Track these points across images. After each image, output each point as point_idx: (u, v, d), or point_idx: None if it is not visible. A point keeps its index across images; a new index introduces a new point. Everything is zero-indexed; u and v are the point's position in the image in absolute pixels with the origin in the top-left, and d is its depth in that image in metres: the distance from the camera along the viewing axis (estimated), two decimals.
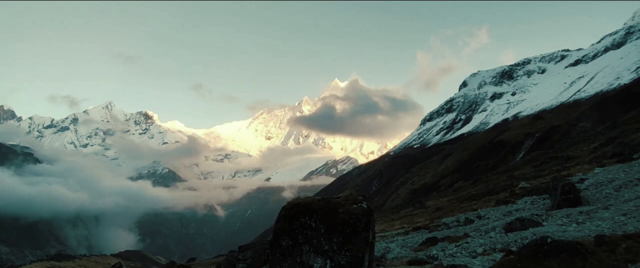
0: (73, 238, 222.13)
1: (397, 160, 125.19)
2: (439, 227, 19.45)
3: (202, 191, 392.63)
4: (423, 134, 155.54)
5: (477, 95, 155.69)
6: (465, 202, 29.97)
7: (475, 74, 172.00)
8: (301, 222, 7.59)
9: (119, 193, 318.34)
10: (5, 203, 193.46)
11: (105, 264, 62.42)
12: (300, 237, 7.51)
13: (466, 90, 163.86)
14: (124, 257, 76.67)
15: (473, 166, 73.05)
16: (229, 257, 19.46)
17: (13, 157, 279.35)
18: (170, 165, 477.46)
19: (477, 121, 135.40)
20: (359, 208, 7.60)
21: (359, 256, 7.21)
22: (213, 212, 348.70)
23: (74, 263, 63.59)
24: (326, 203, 7.70)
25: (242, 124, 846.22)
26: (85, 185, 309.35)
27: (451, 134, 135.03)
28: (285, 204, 8.25)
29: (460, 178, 68.08)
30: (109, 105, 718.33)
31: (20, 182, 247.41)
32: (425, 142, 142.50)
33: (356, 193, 8.15)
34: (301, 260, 7.37)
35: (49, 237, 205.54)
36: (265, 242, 18.51)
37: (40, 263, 61.34)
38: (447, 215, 23.62)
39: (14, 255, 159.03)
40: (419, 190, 78.30)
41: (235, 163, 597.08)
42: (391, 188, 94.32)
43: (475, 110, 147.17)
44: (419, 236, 17.99)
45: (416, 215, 30.93)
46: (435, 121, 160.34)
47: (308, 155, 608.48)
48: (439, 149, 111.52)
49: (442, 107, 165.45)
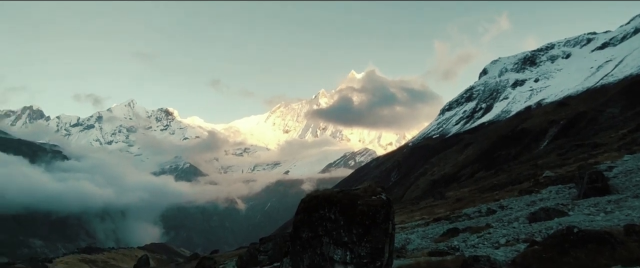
0: (101, 231, 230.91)
1: (415, 151, 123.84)
2: (460, 217, 19.21)
3: (223, 185, 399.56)
4: (442, 124, 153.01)
5: (498, 82, 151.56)
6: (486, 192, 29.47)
7: (495, 61, 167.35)
8: (320, 214, 7.64)
9: (143, 188, 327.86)
10: (37, 199, 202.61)
11: (132, 257, 64.77)
12: (320, 229, 7.57)
13: (486, 78, 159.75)
14: (149, 250, 79.28)
15: (494, 155, 71.59)
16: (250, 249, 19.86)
17: (43, 155, 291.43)
18: (191, 160, 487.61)
19: (498, 109, 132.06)
20: (378, 199, 7.59)
21: (379, 247, 7.22)
22: (234, 205, 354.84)
23: (104, 256, 66.30)
24: (345, 195, 7.72)
25: (260, 118, 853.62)
26: (111, 180, 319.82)
27: (471, 123, 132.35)
28: (304, 197, 8.32)
29: (482, 168, 66.89)
30: (131, 102, 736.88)
31: (50, 178, 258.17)
32: (445, 132, 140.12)
33: (375, 185, 8.13)
34: (321, 252, 7.44)
35: (79, 231, 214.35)
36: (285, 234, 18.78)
37: (72, 256, 64.22)
38: (468, 206, 23.29)
39: (48, 249, 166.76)
40: (438, 181, 77.38)
41: (254, 157, 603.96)
42: (410, 180, 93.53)
43: (496, 98, 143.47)
44: (439, 227, 17.83)
45: (436, 206, 30.58)
46: (455, 110, 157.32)
47: (326, 147, 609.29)
48: (458, 139, 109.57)
49: (462, 96, 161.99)
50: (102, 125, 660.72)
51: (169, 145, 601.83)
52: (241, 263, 18.90)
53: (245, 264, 18.57)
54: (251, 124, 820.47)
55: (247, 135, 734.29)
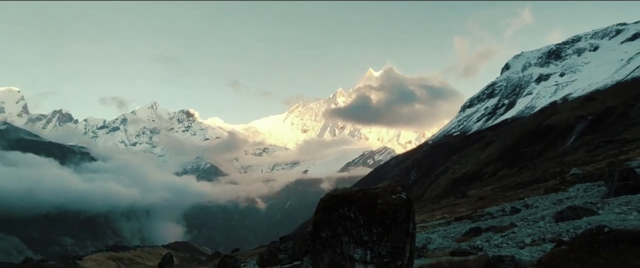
0: (127, 230, 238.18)
1: (436, 149, 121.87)
2: (483, 216, 18.86)
3: (243, 184, 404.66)
4: (463, 121, 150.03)
5: (521, 77, 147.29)
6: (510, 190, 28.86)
7: (518, 55, 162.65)
8: (340, 213, 7.63)
9: (167, 188, 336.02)
10: (67, 199, 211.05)
11: (157, 255, 66.53)
12: (340, 228, 7.56)
13: (509, 74, 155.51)
14: (173, 248, 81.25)
15: (518, 153, 69.70)
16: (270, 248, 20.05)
17: (72, 156, 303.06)
18: (212, 160, 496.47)
19: (521, 105, 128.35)
20: (398, 198, 7.51)
21: (399, 247, 7.15)
22: (254, 205, 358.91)
23: (130, 254, 68.39)
24: (364, 194, 7.67)
25: (278, 118, 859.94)
26: (136, 180, 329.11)
27: (493, 120, 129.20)
28: (323, 196, 8.32)
29: (505, 166, 65.29)
30: (153, 105, 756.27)
31: (79, 179, 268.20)
32: (466, 129, 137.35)
33: (394, 184, 8.05)
34: (341, 251, 7.43)
35: (107, 230, 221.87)
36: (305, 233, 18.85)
37: (100, 254, 66.55)
38: (491, 205, 22.87)
39: (78, 246, 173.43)
40: (460, 179, 75.97)
41: (274, 157, 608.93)
42: (430, 178, 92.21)
43: (519, 93, 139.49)
44: (461, 226, 17.53)
45: (458, 205, 30.17)
46: (476, 107, 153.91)
47: (344, 146, 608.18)
48: (480, 136, 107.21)
49: (483, 92, 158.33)
50: (127, 127, 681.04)
51: (191, 145, 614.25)
52: (262, 261, 19.10)
53: (265, 263, 18.76)
54: (270, 124, 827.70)
55: (266, 135, 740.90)
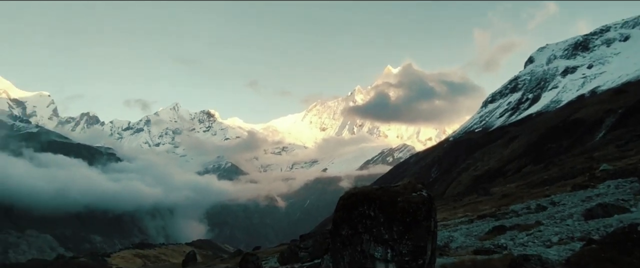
0: (152, 228, 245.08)
1: (457, 146, 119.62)
2: (507, 214, 18.45)
3: (263, 183, 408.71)
4: (485, 117, 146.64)
5: (546, 71, 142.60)
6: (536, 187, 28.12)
7: (543, 48, 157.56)
8: (360, 211, 7.59)
9: (189, 187, 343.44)
10: (96, 198, 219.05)
11: (180, 252, 68.18)
12: (360, 226, 7.53)
13: (533, 67, 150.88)
14: (196, 246, 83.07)
15: (544, 148, 67.55)
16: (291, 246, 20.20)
17: (99, 157, 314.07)
18: (232, 160, 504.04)
19: (546, 99, 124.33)
20: (418, 196, 7.41)
21: (421, 245, 7.06)
22: (274, 203, 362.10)
23: (155, 251, 70.36)
24: (384, 192, 7.61)
25: (296, 117, 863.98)
26: (160, 180, 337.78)
27: (517, 115, 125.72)
28: (342, 194, 8.30)
29: (529, 163, 63.42)
30: (175, 106, 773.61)
31: (106, 179, 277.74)
32: (488, 125, 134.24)
33: (415, 181, 7.95)
34: (362, 249, 7.40)
35: (133, 228, 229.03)
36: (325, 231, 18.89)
37: (127, 251, 68.75)
38: (515, 202, 22.34)
39: (106, 244, 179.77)
40: (482, 176, 74.35)
41: (293, 156, 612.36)
42: (452, 175, 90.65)
43: (544, 87, 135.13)
44: (484, 224, 17.20)
45: (481, 202, 29.62)
46: (498, 102, 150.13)
47: (363, 144, 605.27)
48: (503, 132, 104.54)
49: (506, 87, 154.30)
50: (150, 128, 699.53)
51: (212, 145, 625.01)
52: (282, 259, 19.27)
53: (286, 260, 18.91)
54: (288, 123, 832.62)
55: (285, 134, 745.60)
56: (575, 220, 12.86)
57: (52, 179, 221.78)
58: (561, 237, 11.22)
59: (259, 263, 17.61)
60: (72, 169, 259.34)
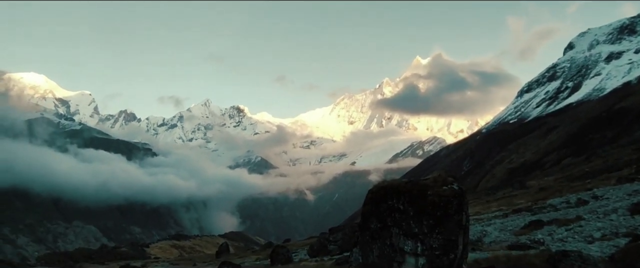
0: (187, 220, 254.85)
1: (490, 138, 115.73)
2: (545, 209, 17.72)
3: (292, 177, 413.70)
4: (520, 107, 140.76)
5: (588, 57, 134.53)
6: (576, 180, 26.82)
7: (584, 33, 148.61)
8: (389, 205, 7.55)
9: (221, 180, 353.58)
10: (135, 192, 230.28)
11: (214, 244, 70.59)
12: (389, 219, 7.48)
13: (573, 54, 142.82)
14: (229, 238, 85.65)
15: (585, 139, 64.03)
16: (320, 239, 20.39)
17: (136, 152, 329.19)
18: (262, 154, 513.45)
19: (588, 88, 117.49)
20: (449, 189, 7.27)
21: (452, 239, 6.93)
22: (303, 197, 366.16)
23: (190, 243, 73.24)
24: (414, 185, 7.52)
25: (324, 111, 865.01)
26: (193, 174, 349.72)
27: (555, 105, 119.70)
28: (371, 187, 8.27)
29: (569, 155, 60.35)
30: (206, 102, 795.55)
31: (143, 173, 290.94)
32: (524, 115, 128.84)
33: (445, 175, 7.79)
34: (391, 243, 7.36)
35: (169, 220, 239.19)
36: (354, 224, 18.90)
37: (165, 242, 71.98)
38: (553, 196, 21.50)
39: (144, 235, 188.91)
40: (517, 169, 71.65)
41: (321, 149, 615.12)
42: (485, 169, 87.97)
43: (585, 75, 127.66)
44: (520, 219, 16.61)
45: (516, 196, 28.68)
46: (535, 92, 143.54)
47: (392, 137, 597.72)
48: (540, 123, 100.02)
49: (543, 75, 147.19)
50: (183, 124, 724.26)
51: (242, 140, 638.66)
52: (312, 252, 19.50)
53: (316, 253, 19.12)
54: (316, 117, 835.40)
55: (313, 128, 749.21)
56: (620, 215, 12.16)
57: (95, 173, 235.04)
58: (604, 232, 10.66)
59: (289, 256, 17.92)
60: (112, 164, 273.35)
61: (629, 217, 11.72)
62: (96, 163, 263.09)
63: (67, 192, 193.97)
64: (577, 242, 10.56)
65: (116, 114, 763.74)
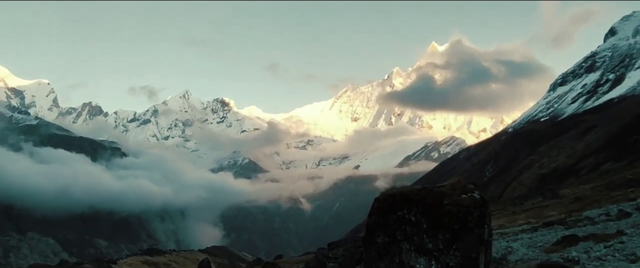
0: (162, 232, 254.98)
1: (517, 138, 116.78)
2: (580, 222, 18.08)
3: (285, 182, 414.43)
4: (553, 103, 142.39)
5: (633, 45, 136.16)
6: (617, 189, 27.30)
7: (628, 16, 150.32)
8: (398, 216, 7.58)
9: (202, 186, 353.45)
10: (100, 198, 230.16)
11: (193, 260, 70.62)
12: (398, 233, 7.52)
13: (615, 41, 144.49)
14: (210, 253, 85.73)
15: (629, 141, 64.53)
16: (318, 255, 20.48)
17: (103, 152, 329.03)
18: (250, 155, 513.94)
19: (633, 81, 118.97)
20: (469, 198, 7.31)
21: (472, 257, 6.97)
22: (298, 205, 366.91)
23: (165, 259, 73.29)
24: (428, 193, 7.55)
25: (324, 105, 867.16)
26: (169, 178, 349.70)
27: (594, 101, 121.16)
28: (378, 195, 8.31)
29: (610, 159, 60.93)
30: (185, 94, 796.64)
31: (110, 176, 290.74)
32: (557, 113, 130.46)
33: (465, 181, 7.84)
34: (400, 260, 7.39)
35: (140, 231, 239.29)
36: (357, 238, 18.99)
37: (135, 258, 71.99)
38: (591, 207, 21.92)
39: (112, 249, 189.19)
40: (549, 175, 72.38)
41: (319, 150, 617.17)
42: (511, 174, 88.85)
43: (629, 66, 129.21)
44: (551, 233, 16.91)
45: (547, 207, 29.21)
46: (570, 85, 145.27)
47: (403, 137, 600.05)
48: (576, 121, 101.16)
49: (580, 66, 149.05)
50: (158, 119, 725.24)
51: (227, 138, 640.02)
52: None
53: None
54: (315, 113, 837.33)
55: (311, 125, 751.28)
56: None
57: (54, 177, 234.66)
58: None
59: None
60: (74, 165, 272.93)
61: None
62: (55, 164, 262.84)
63: (21, 199, 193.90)
64: (618, 260, 10.74)
65: (79, 107, 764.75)
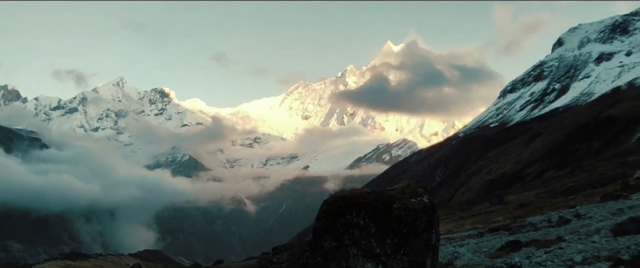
0: (87, 234, 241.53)
1: (468, 143, 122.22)
2: (524, 228, 19.10)
3: (229, 182, 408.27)
4: (503, 110, 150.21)
5: (578, 56, 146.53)
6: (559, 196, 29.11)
7: (574, 28, 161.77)
8: (347, 220, 7.69)
9: (135, 184, 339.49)
10: (15, 195, 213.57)
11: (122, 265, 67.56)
12: (346, 237, 7.62)
13: (562, 51, 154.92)
14: (142, 258, 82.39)
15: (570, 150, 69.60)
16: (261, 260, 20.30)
17: (19, 143, 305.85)
18: (191, 152, 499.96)
19: (576, 91, 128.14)
20: (418, 202, 7.55)
21: (418, 262, 7.21)
22: (242, 207, 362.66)
23: (90, 263, 69.44)
24: (377, 196, 7.72)
25: (273, 101, 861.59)
26: (98, 174, 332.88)
27: (541, 109, 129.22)
28: (327, 198, 8.39)
29: (553, 167, 65.38)
30: (120, 81, 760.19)
31: (28, 170, 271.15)
32: (506, 119, 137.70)
33: (415, 185, 8.09)
34: (348, 265, 7.50)
35: (62, 233, 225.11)
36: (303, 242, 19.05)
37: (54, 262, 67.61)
38: (534, 213, 23.26)
39: (27, 253, 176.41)
40: (496, 181, 76.37)
41: (267, 149, 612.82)
42: (460, 179, 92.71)
43: (574, 76, 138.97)
44: (496, 239, 17.75)
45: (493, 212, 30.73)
46: (519, 92, 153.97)
47: (354, 137, 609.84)
48: (524, 129, 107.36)
49: (529, 74, 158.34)
50: (87, 108, 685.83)
51: (165, 133, 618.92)
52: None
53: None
54: (263, 108, 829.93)
55: (259, 121, 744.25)
56: (603, 237, 13.34)
57: None
58: (585, 256, 11.65)
59: None
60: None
61: (611, 238, 12.91)
62: None
63: None
64: (557, 265, 11.46)
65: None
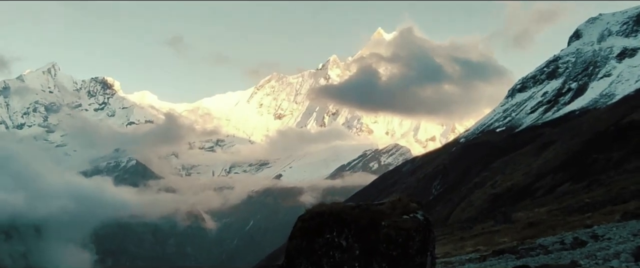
0: (6, 254, 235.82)
1: (470, 151, 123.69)
2: (533, 250, 19.39)
3: (185, 193, 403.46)
4: (511, 112, 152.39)
5: (597, 51, 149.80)
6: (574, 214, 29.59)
7: (594, 19, 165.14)
8: (326, 239, 7.68)
9: (68, 194, 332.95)
10: None
11: None
12: (325, 260, 7.61)
13: (579, 45, 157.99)
14: None
15: (588, 161, 71.19)
16: None
17: None
18: (138, 155, 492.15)
19: (595, 92, 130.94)
20: (411, 220, 7.60)
21: None
22: (200, 223, 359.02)
23: None
24: (363, 212, 7.74)
25: (240, 96, 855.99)
26: (21, 181, 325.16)
27: (554, 112, 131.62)
28: (303, 213, 8.37)
29: (567, 180, 66.68)
30: (52, 68, 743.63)
31: None
32: (514, 123, 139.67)
33: (408, 199, 8.14)
34: None
35: None
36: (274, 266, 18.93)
37: None
38: (545, 234, 23.60)
39: None
40: (502, 195, 77.43)
41: (232, 153, 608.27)
42: (461, 193, 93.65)
43: (593, 74, 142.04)
44: (501, 263, 18.01)
45: (498, 232, 31.08)
46: (530, 92, 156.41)
47: (337, 141, 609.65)
48: (535, 135, 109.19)
49: (541, 71, 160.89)
50: (9, 100, 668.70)
51: (107, 132, 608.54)
52: None
53: None
54: (228, 105, 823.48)
55: (222, 120, 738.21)
56: (623, 261, 13.64)
57: None
58: None
59: None
60: None
61: (632, 263, 13.21)
62: None
63: None
64: None
65: None
